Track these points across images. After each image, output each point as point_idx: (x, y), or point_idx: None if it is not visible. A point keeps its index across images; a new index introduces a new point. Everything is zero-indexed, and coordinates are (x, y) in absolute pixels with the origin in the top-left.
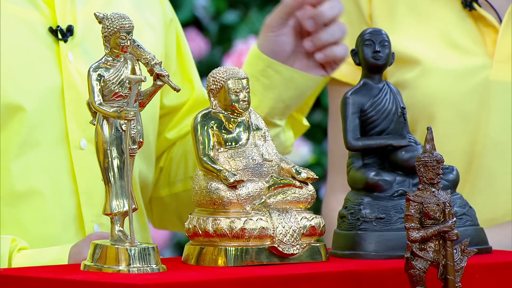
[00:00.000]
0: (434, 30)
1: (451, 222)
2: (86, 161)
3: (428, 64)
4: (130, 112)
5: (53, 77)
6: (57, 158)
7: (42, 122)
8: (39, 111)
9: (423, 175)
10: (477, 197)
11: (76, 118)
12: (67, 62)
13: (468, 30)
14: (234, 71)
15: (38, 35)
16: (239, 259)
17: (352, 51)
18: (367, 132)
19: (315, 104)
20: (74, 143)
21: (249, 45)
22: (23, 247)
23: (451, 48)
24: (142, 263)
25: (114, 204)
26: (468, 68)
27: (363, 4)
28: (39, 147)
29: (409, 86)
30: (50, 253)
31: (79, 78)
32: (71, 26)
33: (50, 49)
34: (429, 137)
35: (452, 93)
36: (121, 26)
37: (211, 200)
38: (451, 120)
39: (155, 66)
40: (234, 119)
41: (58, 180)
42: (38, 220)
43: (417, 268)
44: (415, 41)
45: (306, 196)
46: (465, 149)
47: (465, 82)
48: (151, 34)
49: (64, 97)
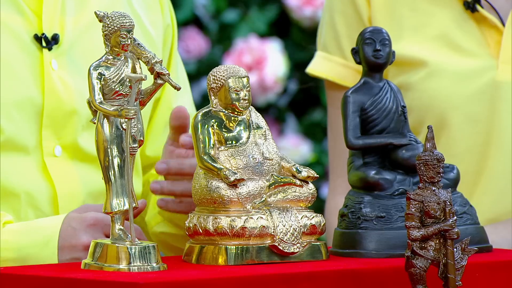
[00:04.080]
0: (436, 32)
1: (452, 221)
2: (62, 167)
3: (433, 66)
4: (131, 110)
5: (33, 84)
6: (30, 164)
7: (17, 127)
8: (16, 115)
9: (424, 174)
10: (488, 198)
11: (52, 125)
12: (49, 70)
13: (470, 32)
14: (234, 69)
15: (21, 42)
16: (240, 257)
17: (353, 50)
18: (368, 131)
19: (315, 103)
20: (48, 150)
21: (249, 43)
22: (8, 221)
23: (454, 50)
24: (142, 261)
25: (114, 202)
26: (473, 70)
27: (362, 7)
28: (14, 151)
29: (414, 88)
30: (39, 231)
31: (62, 86)
32: (56, 34)
33: (32, 56)
34: (429, 135)
35: (459, 95)
36: (121, 25)
37: (211, 199)
38: (460, 122)
39: (156, 65)
40: (235, 117)
41: (33, 185)
42: (13, 221)
43: (417, 267)
44: (417, 43)
45: (306, 195)
46: (475, 150)
47: (471, 83)
48: (148, 47)
49: (43, 104)
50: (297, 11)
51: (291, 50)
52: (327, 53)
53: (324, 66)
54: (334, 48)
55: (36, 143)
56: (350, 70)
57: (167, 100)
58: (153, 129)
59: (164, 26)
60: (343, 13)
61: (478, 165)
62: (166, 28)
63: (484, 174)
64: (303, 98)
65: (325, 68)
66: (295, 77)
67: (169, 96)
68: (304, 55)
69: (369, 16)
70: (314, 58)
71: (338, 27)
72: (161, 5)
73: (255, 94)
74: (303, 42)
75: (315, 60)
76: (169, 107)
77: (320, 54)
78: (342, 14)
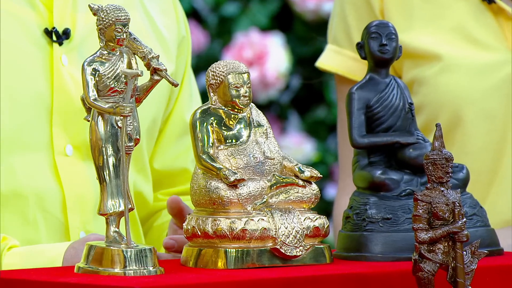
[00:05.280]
0: (451, 24)
1: (461, 223)
2: (72, 167)
3: (448, 60)
4: (126, 108)
5: (42, 79)
6: (40, 163)
7: (27, 125)
8: (25, 113)
9: (432, 174)
10: (504, 199)
11: (63, 123)
12: (59, 65)
13: (487, 24)
14: (234, 65)
15: (32, 36)
16: (240, 261)
17: (358, 45)
18: (373, 129)
19: (319, 100)
20: (59, 149)
21: (250, 38)
22: (14, 245)
23: (469, 43)
24: (138, 265)
25: (109, 203)
26: (490, 64)
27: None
28: (23, 150)
29: (428, 83)
30: (43, 254)
31: (72, 82)
32: (67, 29)
33: (43, 50)
34: (438, 134)
35: (475, 91)
36: (116, 18)
37: (210, 200)
38: (475, 119)
39: (152, 60)
40: (235, 115)
41: (43, 186)
42: (20, 224)
43: (425, 270)
44: (432, 36)
45: (309, 196)
46: (491, 148)
47: (487, 78)
48: (162, 51)
49: (53, 100)
50: (300, 3)
51: (293, 45)
52: (337, 46)
53: (334, 59)
54: (345, 41)
55: (46, 142)
56: (361, 64)
57: (179, 112)
58: (163, 142)
59: (180, 37)
60: (354, 5)
61: (493, 164)
62: (182, 40)
63: (499, 173)
64: (306, 95)
65: (335, 61)
66: (298, 72)
67: (182, 108)
68: (307, 50)
69: (381, 8)
70: (324, 51)
71: (349, 20)
72: (177, 14)
73: (256, 91)
74: (307, 36)
75: (325, 54)
76: (181, 120)
77: (331, 47)
78: (353, 6)
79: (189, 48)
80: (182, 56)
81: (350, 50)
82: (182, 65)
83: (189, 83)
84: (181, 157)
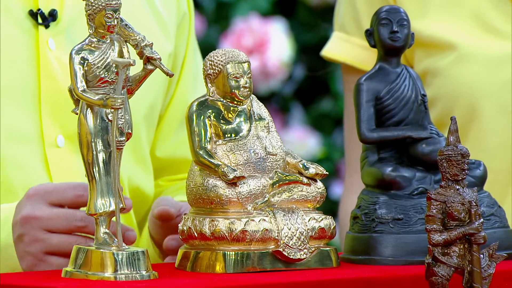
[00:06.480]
0: (468, 12)
1: (478, 224)
2: (63, 160)
3: (464, 49)
4: (117, 99)
5: (28, 66)
6: (30, 155)
7: (15, 115)
8: (11, 102)
9: (446, 171)
10: None
11: (53, 112)
12: (46, 50)
13: (506, 12)
14: (233, 54)
15: (15, 18)
16: (240, 264)
17: (367, 32)
18: (384, 123)
19: (324, 91)
20: (49, 140)
21: (250, 24)
22: None
23: (486, 32)
24: (130, 269)
25: (99, 203)
26: (508, 54)
27: None
28: (12, 141)
29: (441, 74)
30: None
31: (60, 68)
32: (54, 10)
33: (27, 34)
34: (453, 128)
35: (492, 83)
36: (107, 3)
37: (208, 199)
38: (492, 113)
39: (145, 48)
40: (234, 107)
41: (32, 179)
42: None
43: (439, 275)
44: (447, 24)
45: (314, 194)
46: (509, 145)
47: (506, 69)
48: (159, 30)
49: (40, 88)
50: None
51: (297, 32)
52: (345, 34)
53: (341, 48)
54: (354, 28)
55: (36, 132)
56: (370, 53)
57: (181, 96)
58: (164, 128)
59: (180, 13)
60: None
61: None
62: (183, 17)
63: None
64: (310, 86)
65: (343, 50)
66: (302, 61)
67: (184, 91)
68: (311, 37)
69: None
70: (330, 39)
71: (358, 5)
72: None
73: (257, 81)
74: (311, 22)
75: (332, 42)
76: (184, 103)
77: (337, 35)
78: None
79: (192, 24)
80: (183, 35)
81: (359, 38)
82: (182, 45)
83: (193, 62)
84: (183, 144)
